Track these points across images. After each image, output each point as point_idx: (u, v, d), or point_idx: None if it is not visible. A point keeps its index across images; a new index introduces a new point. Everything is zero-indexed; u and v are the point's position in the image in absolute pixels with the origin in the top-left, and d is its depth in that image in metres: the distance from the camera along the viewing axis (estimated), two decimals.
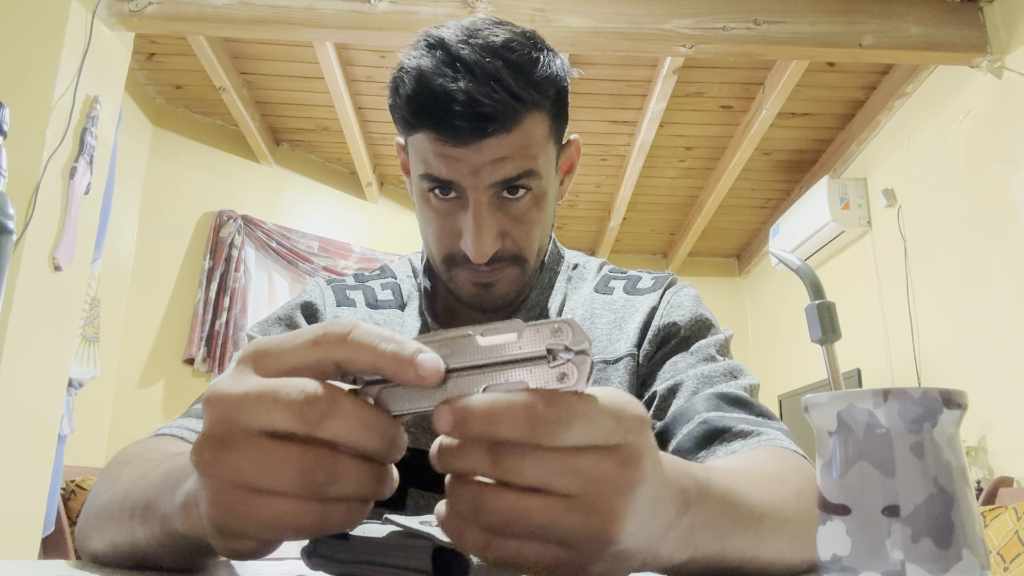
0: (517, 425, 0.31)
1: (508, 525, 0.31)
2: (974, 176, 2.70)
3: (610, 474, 0.31)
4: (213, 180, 3.63)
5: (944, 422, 0.34)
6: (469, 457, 0.32)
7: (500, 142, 0.67)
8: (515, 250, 0.72)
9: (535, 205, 0.72)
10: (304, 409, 0.31)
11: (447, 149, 0.67)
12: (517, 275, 0.74)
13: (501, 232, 0.71)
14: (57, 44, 2.25)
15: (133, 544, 0.44)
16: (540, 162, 0.70)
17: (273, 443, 0.31)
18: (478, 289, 0.74)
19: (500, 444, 0.31)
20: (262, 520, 0.32)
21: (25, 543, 2.08)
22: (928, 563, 0.32)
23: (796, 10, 2.59)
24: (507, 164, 0.68)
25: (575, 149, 0.81)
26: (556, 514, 0.31)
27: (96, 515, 0.49)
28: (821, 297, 0.46)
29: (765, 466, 0.57)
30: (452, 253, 0.73)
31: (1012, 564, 1.85)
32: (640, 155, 3.59)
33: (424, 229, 0.75)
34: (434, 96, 0.65)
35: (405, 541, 0.41)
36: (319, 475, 0.31)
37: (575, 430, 0.31)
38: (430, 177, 0.70)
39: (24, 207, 2.08)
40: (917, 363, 3.04)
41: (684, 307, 0.78)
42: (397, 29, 2.49)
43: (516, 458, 0.31)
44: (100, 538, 0.48)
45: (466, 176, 0.68)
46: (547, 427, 0.30)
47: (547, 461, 0.31)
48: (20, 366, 2.07)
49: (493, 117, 0.65)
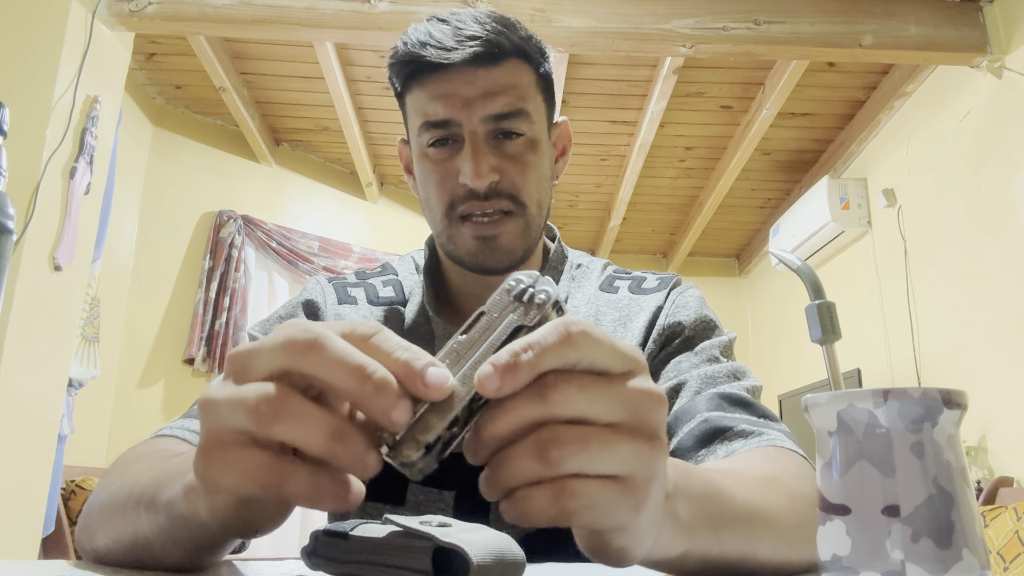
0: (558, 347, 0.31)
1: (575, 456, 0.31)
2: (974, 176, 2.70)
3: (644, 395, 0.33)
4: (213, 180, 3.63)
5: (944, 422, 0.34)
6: (519, 404, 0.32)
7: (489, 75, 0.71)
8: (512, 189, 0.73)
9: (530, 149, 0.75)
10: (255, 413, 0.32)
11: (440, 86, 0.72)
12: (521, 229, 0.75)
13: (497, 167, 0.73)
14: (57, 44, 2.25)
15: (136, 534, 0.44)
16: (530, 107, 0.74)
17: (240, 447, 0.32)
18: (480, 244, 0.74)
19: (543, 383, 0.32)
20: (228, 467, 0.33)
21: (25, 543, 2.08)
22: (928, 563, 0.32)
23: (796, 10, 2.59)
24: (498, 99, 0.72)
25: (565, 131, 0.84)
26: (614, 437, 0.32)
27: (101, 509, 0.49)
28: (821, 297, 0.46)
29: (757, 468, 0.57)
30: (453, 199, 0.74)
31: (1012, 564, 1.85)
32: (640, 155, 3.59)
33: (424, 189, 0.77)
34: (427, 33, 0.72)
35: (405, 541, 0.41)
36: (269, 477, 0.32)
37: (601, 341, 0.32)
38: (427, 125, 0.73)
39: (24, 207, 2.08)
40: (917, 363, 3.04)
41: (689, 307, 0.79)
42: (397, 29, 2.49)
43: (562, 388, 0.31)
44: (104, 532, 0.48)
45: (459, 110, 0.71)
46: (582, 340, 0.32)
47: (590, 386, 0.32)
48: (20, 366, 2.07)
49: (478, 39, 0.70)
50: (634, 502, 0.32)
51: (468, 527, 0.44)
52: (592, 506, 0.32)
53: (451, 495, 0.72)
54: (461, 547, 0.38)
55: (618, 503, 0.32)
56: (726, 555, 0.42)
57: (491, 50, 0.71)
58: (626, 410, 0.32)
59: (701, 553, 0.40)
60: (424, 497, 0.72)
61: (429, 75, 0.72)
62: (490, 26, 0.72)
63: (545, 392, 0.31)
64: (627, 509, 0.32)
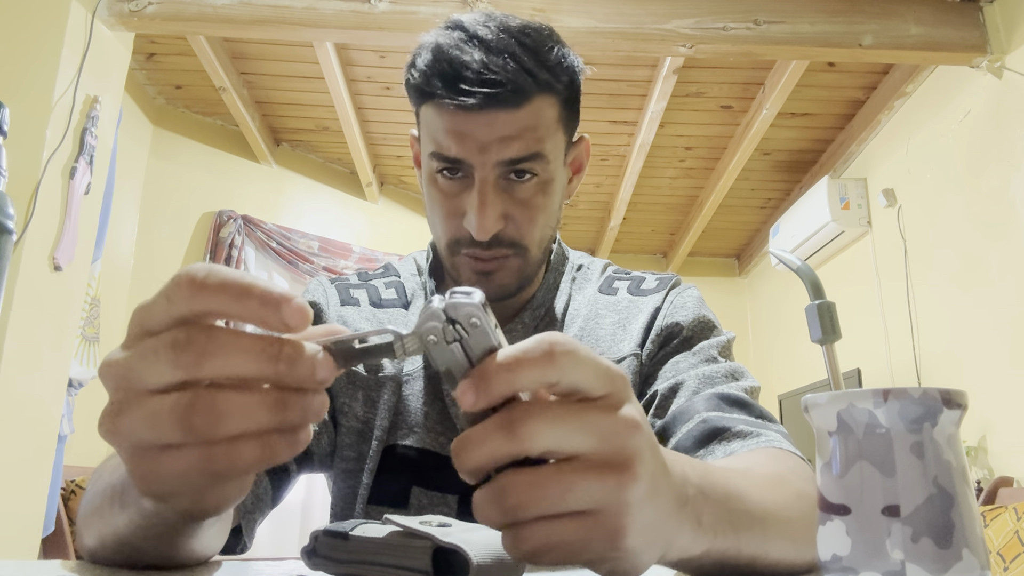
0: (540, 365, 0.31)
1: (531, 503, 0.31)
2: (974, 176, 2.70)
3: (618, 423, 0.32)
4: (213, 180, 3.63)
5: (944, 422, 0.34)
6: (489, 439, 0.31)
7: (509, 118, 0.67)
8: (516, 235, 0.72)
9: (541, 191, 0.72)
10: (177, 355, 0.30)
11: (457, 122, 0.68)
12: (518, 266, 0.74)
13: (504, 214, 0.71)
14: (57, 44, 2.25)
15: (116, 533, 0.43)
16: (548, 147, 0.71)
17: (155, 397, 0.30)
18: (477, 277, 0.74)
19: (510, 418, 0.31)
20: (172, 475, 0.31)
21: (25, 543, 2.07)
22: (928, 563, 0.32)
23: (796, 10, 2.59)
24: (514, 144, 0.68)
25: (584, 149, 0.81)
26: (574, 475, 0.31)
27: (85, 511, 0.49)
28: (821, 297, 0.46)
29: (765, 467, 0.57)
30: (457, 236, 0.73)
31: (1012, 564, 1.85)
32: (640, 155, 3.59)
33: (431, 212, 0.75)
34: (449, 62, 0.66)
35: (405, 541, 0.41)
36: (198, 418, 0.29)
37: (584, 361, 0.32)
38: (439, 156, 0.70)
39: (24, 207, 2.08)
40: (917, 363, 3.03)
41: (687, 308, 0.79)
42: (397, 29, 2.49)
43: (532, 423, 0.31)
44: (90, 534, 0.47)
45: (474, 152, 0.68)
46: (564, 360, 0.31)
47: (561, 420, 0.31)
48: (20, 366, 2.07)
49: (503, 86, 0.65)
50: (607, 535, 0.32)
51: (468, 527, 0.44)
52: (557, 546, 0.31)
53: (454, 498, 0.72)
54: (461, 547, 0.38)
55: (588, 538, 0.32)
56: (741, 555, 0.42)
57: (515, 94, 0.66)
58: (598, 440, 0.32)
59: (720, 553, 0.40)
60: (428, 500, 0.72)
61: (445, 106, 0.68)
62: (520, 59, 0.67)
63: (515, 427, 0.31)
64: (600, 543, 0.32)
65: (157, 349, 0.30)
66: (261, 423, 0.31)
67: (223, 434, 0.30)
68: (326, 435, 0.75)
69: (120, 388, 0.31)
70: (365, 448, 0.76)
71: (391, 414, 0.75)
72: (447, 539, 0.39)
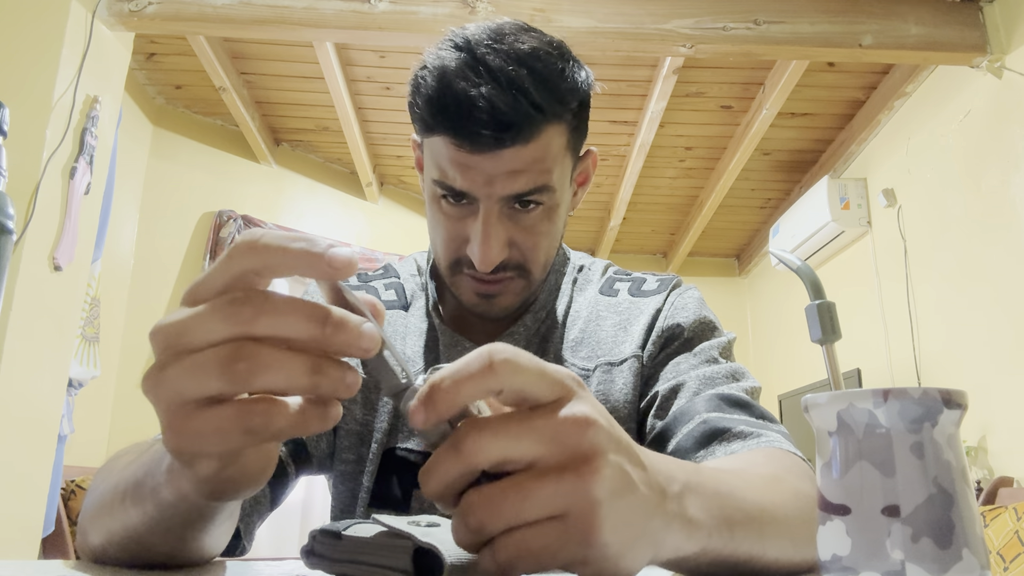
0: (479, 376, 0.31)
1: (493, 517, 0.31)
2: (974, 176, 2.70)
3: (567, 423, 0.32)
4: (213, 180, 3.63)
5: (944, 422, 0.34)
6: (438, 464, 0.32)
7: (517, 153, 0.66)
8: (521, 260, 0.72)
9: (546, 218, 0.72)
10: (235, 309, 0.31)
11: (463, 156, 0.66)
12: (521, 288, 0.75)
13: (509, 242, 0.70)
14: (57, 44, 2.25)
15: (126, 528, 0.43)
16: (555, 176, 0.70)
17: (201, 352, 0.31)
18: (480, 299, 0.74)
19: (456, 438, 0.32)
20: (206, 431, 0.32)
21: (25, 543, 2.08)
22: (928, 563, 0.32)
23: (796, 10, 2.59)
24: (521, 178, 0.67)
25: (592, 162, 0.80)
26: (529, 481, 0.31)
27: (91, 509, 0.49)
28: (821, 297, 0.46)
29: (761, 467, 0.57)
30: (459, 258, 0.73)
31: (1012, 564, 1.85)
32: (640, 155, 3.59)
33: (433, 232, 0.75)
34: (455, 99, 0.64)
35: (389, 541, 0.42)
36: (240, 364, 0.30)
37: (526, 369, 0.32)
38: (443, 184, 0.69)
39: (24, 207, 2.08)
40: (917, 363, 3.03)
41: (688, 309, 0.79)
42: (397, 29, 2.49)
43: (473, 437, 0.31)
44: (96, 531, 0.48)
45: (480, 186, 0.67)
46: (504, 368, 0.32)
47: (503, 429, 0.32)
48: (20, 366, 2.07)
49: (513, 126, 0.64)
50: (578, 535, 0.31)
51: None
52: (530, 554, 0.31)
53: None
54: (436, 547, 0.38)
55: (561, 541, 0.31)
56: (736, 555, 0.42)
57: (526, 132, 0.64)
58: (548, 443, 0.32)
59: (716, 552, 0.40)
60: (429, 503, 0.72)
61: (452, 140, 0.66)
62: (530, 93, 0.64)
63: (460, 445, 0.31)
64: (574, 544, 0.31)
65: (216, 306, 0.31)
66: (298, 383, 0.31)
67: (261, 385, 0.31)
68: (324, 437, 0.75)
69: (169, 347, 0.32)
70: (365, 451, 0.76)
71: (391, 417, 0.76)
72: (426, 539, 0.39)
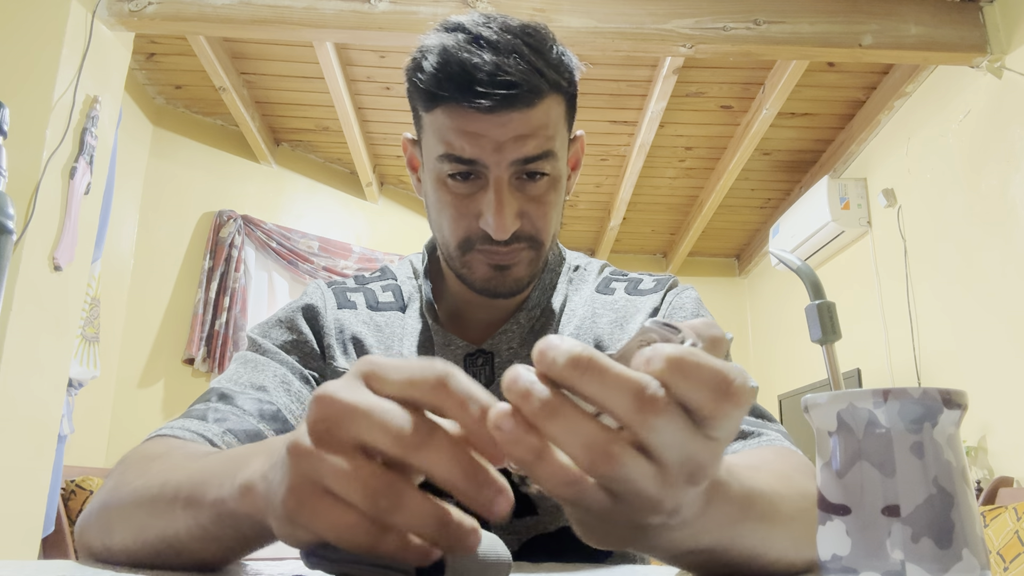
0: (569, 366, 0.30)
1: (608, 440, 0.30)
2: (974, 176, 2.70)
3: (635, 384, 0.31)
4: (213, 180, 3.63)
5: (944, 422, 0.34)
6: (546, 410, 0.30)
7: (524, 117, 0.68)
8: (532, 231, 0.73)
9: (552, 188, 0.73)
10: (403, 434, 0.31)
11: (471, 122, 0.67)
12: (532, 258, 0.75)
13: (520, 212, 0.71)
14: (57, 44, 2.25)
15: (166, 531, 0.43)
16: (557, 145, 0.72)
17: (359, 456, 0.32)
18: (494, 272, 0.74)
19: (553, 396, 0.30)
20: (324, 521, 0.32)
21: (25, 543, 2.07)
22: (928, 563, 0.32)
23: (796, 10, 2.59)
24: (529, 142, 0.69)
25: (580, 145, 0.82)
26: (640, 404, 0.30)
27: (123, 506, 0.48)
28: (821, 297, 0.46)
29: (774, 464, 0.57)
30: (469, 236, 0.73)
31: (1012, 564, 1.85)
32: (640, 155, 3.59)
33: (438, 215, 0.75)
34: (460, 65, 0.66)
35: None
36: (383, 500, 0.31)
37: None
38: (451, 157, 0.70)
39: (24, 207, 2.08)
40: (917, 363, 3.03)
41: (686, 309, 0.79)
42: (397, 29, 2.49)
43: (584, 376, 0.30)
44: (126, 529, 0.47)
45: (489, 153, 0.68)
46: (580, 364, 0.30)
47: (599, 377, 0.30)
48: (20, 366, 2.07)
49: (518, 86, 0.66)
50: (671, 484, 0.31)
51: None
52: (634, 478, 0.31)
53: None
54: None
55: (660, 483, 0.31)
56: (730, 554, 0.42)
57: (529, 94, 0.67)
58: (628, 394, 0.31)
59: (709, 550, 0.40)
60: None
61: (458, 108, 0.68)
62: (529, 59, 0.67)
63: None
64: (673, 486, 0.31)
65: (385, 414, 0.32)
66: (423, 528, 0.32)
67: (392, 523, 0.32)
68: None
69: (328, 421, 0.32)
70: None
71: None
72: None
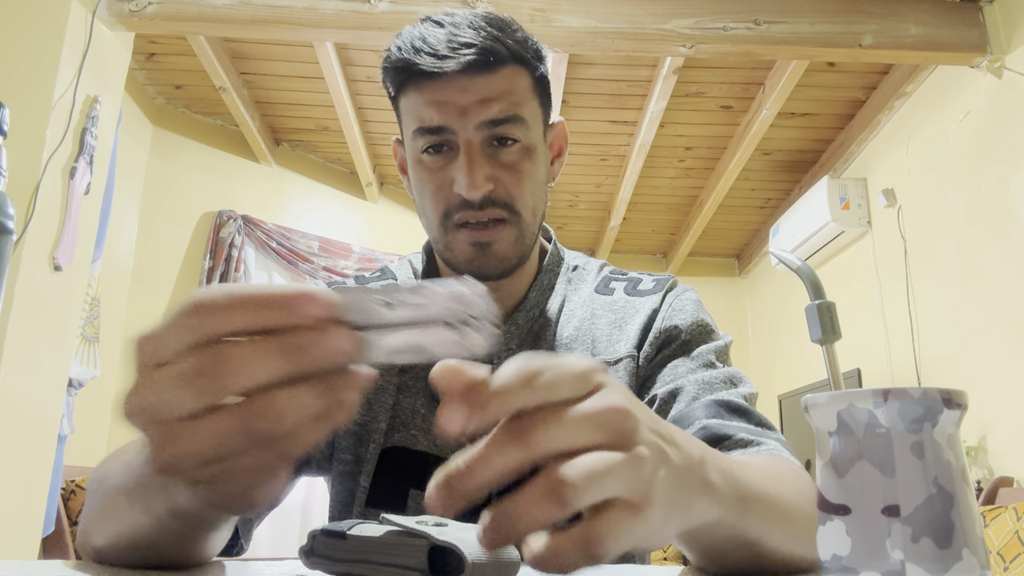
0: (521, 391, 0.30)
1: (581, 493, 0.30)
2: (974, 176, 2.70)
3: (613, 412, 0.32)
4: (213, 180, 3.63)
5: (944, 422, 0.34)
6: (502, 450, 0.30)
7: (486, 81, 0.71)
8: (507, 198, 0.73)
9: (526, 156, 0.74)
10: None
11: (435, 92, 0.71)
12: (514, 238, 0.74)
13: (492, 176, 0.72)
14: (57, 44, 2.25)
15: (134, 531, 0.43)
16: (526, 112, 0.74)
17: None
18: (476, 251, 0.74)
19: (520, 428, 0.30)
20: (200, 446, 0.30)
21: (25, 543, 2.08)
22: (928, 563, 0.32)
23: (796, 10, 2.59)
24: (494, 105, 0.71)
25: (561, 132, 0.83)
26: (599, 464, 0.30)
27: (93, 512, 0.49)
28: (821, 297, 0.46)
29: (765, 463, 0.58)
30: (448, 208, 0.74)
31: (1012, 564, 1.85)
32: (640, 155, 3.59)
33: (420, 196, 0.76)
34: (421, 40, 0.71)
35: (401, 540, 0.42)
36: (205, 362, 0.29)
37: (566, 370, 0.31)
38: (422, 131, 0.72)
39: (24, 207, 2.08)
40: (917, 363, 3.03)
41: (686, 311, 0.79)
42: (397, 29, 2.46)
43: (541, 427, 0.30)
44: (100, 533, 0.47)
45: (455, 117, 0.71)
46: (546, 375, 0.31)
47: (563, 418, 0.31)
48: (20, 366, 2.07)
49: (476, 49, 0.70)
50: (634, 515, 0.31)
51: (464, 527, 0.44)
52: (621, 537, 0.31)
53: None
54: (456, 546, 0.38)
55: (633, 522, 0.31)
56: (747, 533, 0.42)
57: (487, 57, 0.70)
58: (604, 429, 0.31)
59: (731, 524, 0.40)
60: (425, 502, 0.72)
61: (423, 81, 0.71)
62: (486, 31, 0.71)
63: (522, 434, 0.30)
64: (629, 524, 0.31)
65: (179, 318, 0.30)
66: (276, 368, 0.29)
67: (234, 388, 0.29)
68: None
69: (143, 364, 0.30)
70: (363, 451, 0.76)
71: (389, 416, 0.75)
72: (443, 538, 0.39)
